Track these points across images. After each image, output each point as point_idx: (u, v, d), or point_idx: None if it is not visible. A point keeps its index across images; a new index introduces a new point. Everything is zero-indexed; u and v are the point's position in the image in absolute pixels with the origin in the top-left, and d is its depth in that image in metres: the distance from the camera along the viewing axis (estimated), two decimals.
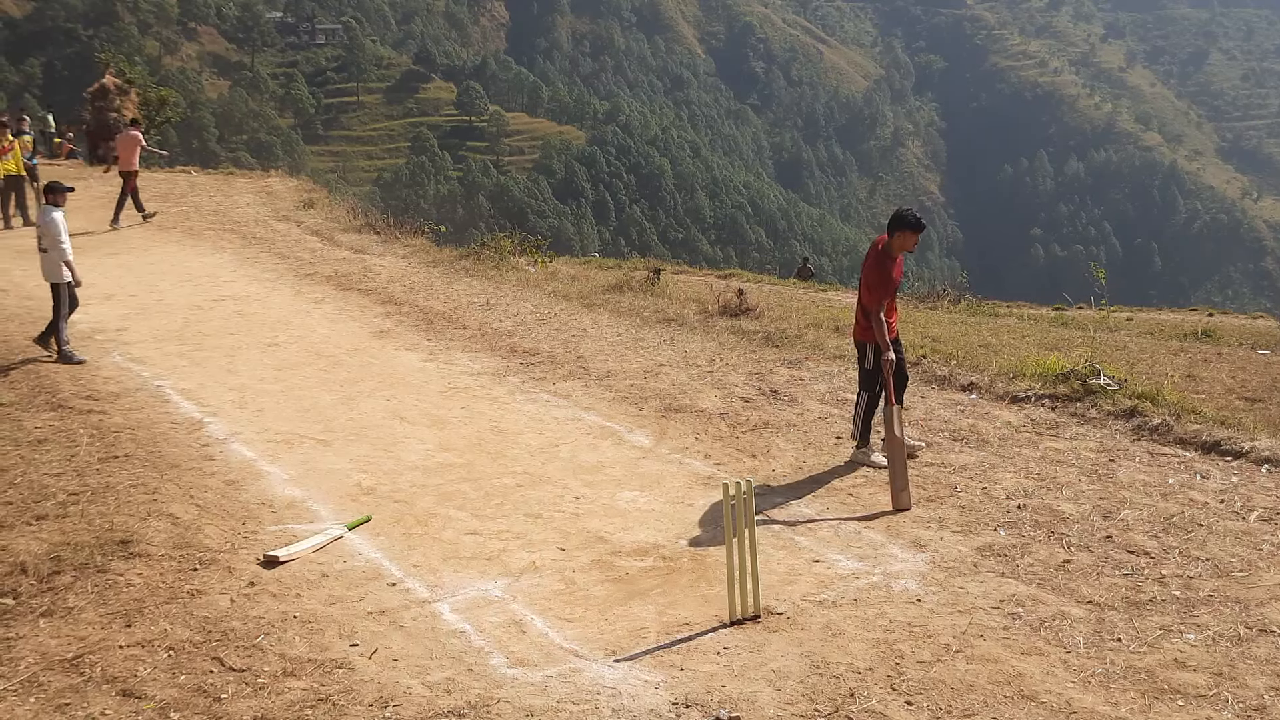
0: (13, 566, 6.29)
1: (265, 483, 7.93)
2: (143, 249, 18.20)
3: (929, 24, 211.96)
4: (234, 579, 6.32)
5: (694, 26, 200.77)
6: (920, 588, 6.27)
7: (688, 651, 5.59)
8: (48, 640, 5.54)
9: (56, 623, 5.73)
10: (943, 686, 5.21)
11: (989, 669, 5.36)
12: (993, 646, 5.58)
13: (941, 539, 6.94)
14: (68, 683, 5.17)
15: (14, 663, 5.33)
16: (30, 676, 5.20)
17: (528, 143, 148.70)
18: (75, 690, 5.10)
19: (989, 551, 6.73)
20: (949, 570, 6.49)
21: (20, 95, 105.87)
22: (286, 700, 5.05)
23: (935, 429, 9.08)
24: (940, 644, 5.62)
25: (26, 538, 6.68)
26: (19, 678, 5.19)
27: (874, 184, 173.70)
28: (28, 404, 9.54)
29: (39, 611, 5.84)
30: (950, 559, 6.65)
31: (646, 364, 11.10)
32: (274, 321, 13.13)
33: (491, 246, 18.17)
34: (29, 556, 6.40)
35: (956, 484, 7.87)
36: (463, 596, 6.20)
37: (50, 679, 5.19)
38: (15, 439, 8.55)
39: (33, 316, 12.95)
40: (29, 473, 7.81)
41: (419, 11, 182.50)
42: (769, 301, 14.59)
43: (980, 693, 5.15)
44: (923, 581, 6.35)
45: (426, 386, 10.49)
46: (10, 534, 6.74)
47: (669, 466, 8.32)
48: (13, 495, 7.38)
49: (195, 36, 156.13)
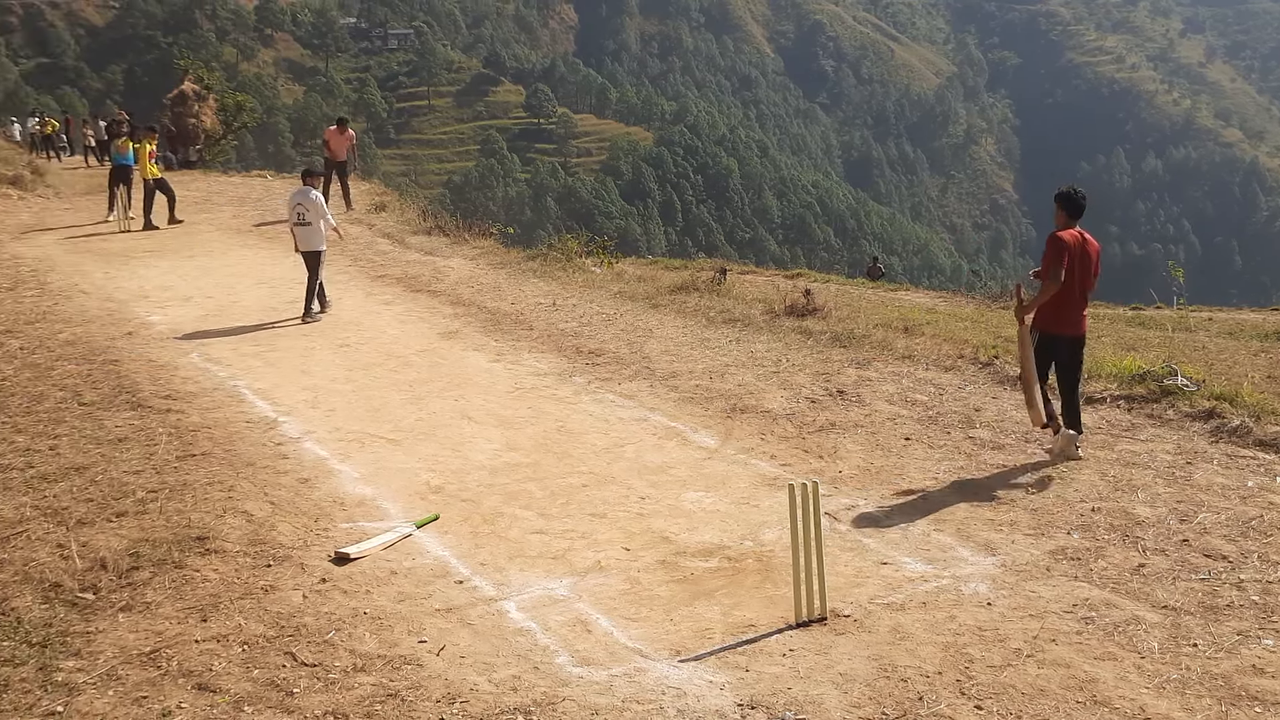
0: (93, 562, 6.45)
1: (337, 481, 8.05)
2: (220, 252, 18.55)
3: (1003, 20, 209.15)
4: (306, 575, 6.43)
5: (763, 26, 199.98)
6: (991, 591, 6.21)
7: (753, 653, 5.59)
8: (126, 634, 5.68)
9: (135, 617, 5.86)
10: (1013, 691, 5.16)
11: (1061, 674, 5.30)
12: (1065, 651, 5.51)
13: (1013, 542, 6.87)
14: (145, 676, 5.28)
15: (94, 656, 5.46)
16: (109, 670, 5.33)
17: (595, 144, 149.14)
18: (152, 683, 5.21)
19: (1062, 555, 6.65)
20: (1020, 573, 6.42)
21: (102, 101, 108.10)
22: (357, 695, 5.13)
23: (1007, 430, 8.98)
24: (1011, 648, 5.56)
25: (107, 534, 6.85)
26: (99, 670, 5.32)
27: (946, 182, 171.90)
28: (109, 403, 9.77)
29: (118, 606, 5.98)
30: (1022, 562, 6.57)
31: (712, 364, 11.10)
32: (345, 323, 13.32)
33: (558, 248, 18.27)
34: (109, 552, 6.56)
35: (1029, 486, 7.78)
36: (528, 595, 6.26)
37: (129, 672, 5.31)
38: (96, 437, 8.76)
39: (114, 319, 13.28)
40: (109, 470, 8.00)
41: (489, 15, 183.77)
42: (836, 301, 14.52)
43: (1052, 698, 5.10)
44: (993, 585, 6.29)
45: (494, 387, 10.58)
46: (91, 530, 6.91)
47: (734, 467, 8.31)
48: (94, 493, 7.56)
49: (271, 43, 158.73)
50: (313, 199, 13.97)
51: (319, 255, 13.87)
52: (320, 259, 13.89)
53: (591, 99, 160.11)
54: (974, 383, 10.33)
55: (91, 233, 20.80)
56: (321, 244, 13.93)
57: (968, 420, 9.16)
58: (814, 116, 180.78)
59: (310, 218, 13.83)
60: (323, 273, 13.97)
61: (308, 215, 13.83)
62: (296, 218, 13.92)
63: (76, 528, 6.93)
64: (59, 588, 6.16)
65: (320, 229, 13.92)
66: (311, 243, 13.87)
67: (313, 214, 13.85)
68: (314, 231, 13.87)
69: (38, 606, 5.95)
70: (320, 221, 13.91)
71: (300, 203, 13.92)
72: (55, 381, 10.43)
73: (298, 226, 13.91)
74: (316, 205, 13.96)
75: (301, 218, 13.85)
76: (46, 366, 10.98)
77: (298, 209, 13.91)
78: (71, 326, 12.82)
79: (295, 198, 14.09)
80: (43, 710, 4.97)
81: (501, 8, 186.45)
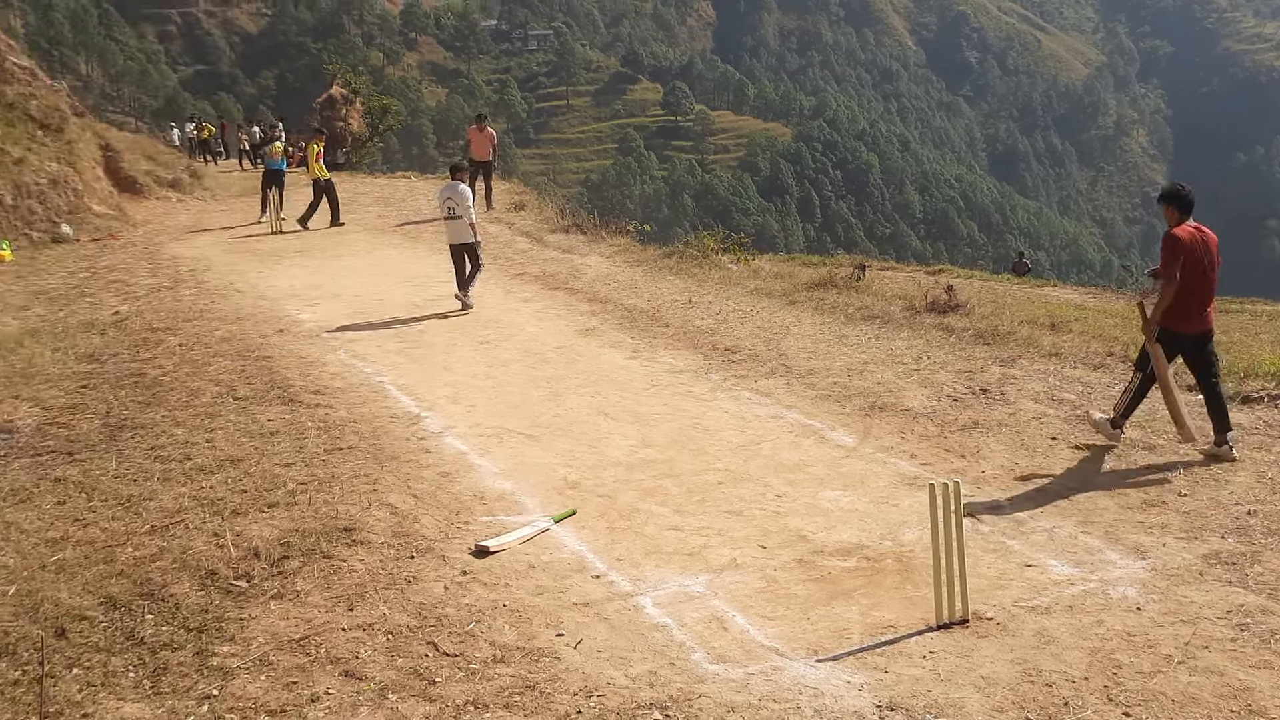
0: (247, 551, 6.68)
1: (477, 475, 8.19)
2: (365, 251, 19.07)
3: (1155, 8, 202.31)
4: (448, 567, 6.55)
5: (904, 18, 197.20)
6: (1140, 595, 6.01)
7: (892, 654, 5.51)
8: (278, 622, 5.87)
9: (286, 605, 6.06)
10: (1163, 699, 4.99)
11: (1214, 682, 5.10)
12: (1218, 658, 5.30)
13: (1164, 545, 6.63)
14: (295, 662, 5.45)
15: (247, 642, 5.66)
16: (262, 655, 5.51)
17: (733, 141, 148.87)
18: (302, 670, 5.38)
19: (1216, 559, 6.39)
20: (1172, 578, 6.20)
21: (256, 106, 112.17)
22: (496, 686, 5.21)
23: (1158, 430, 8.67)
24: (1161, 654, 5.37)
25: (259, 524, 7.09)
26: (252, 656, 5.51)
27: (1095, 175, 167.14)
28: (262, 398, 10.11)
29: (270, 594, 6.19)
30: (1173, 566, 6.34)
31: (850, 362, 10.97)
32: (485, 320, 13.54)
33: (695, 245, 18.28)
34: (261, 542, 6.78)
35: (1181, 488, 7.50)
36: (664, 591, 6.27)
37: (279, 658, 5.49)
38: (250, 431, 9.08)
39: (266, 316, 13.75)
40: (262, 463, 8.28)
41: (627, 14, 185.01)
42: (980, 298, 14.22)
43: (1204, 706, 4.91)
44: (1143, 589, 6.08)
45: (630, 383, 10.64)
46: (245, 520, 7.16)
47: (873, 466, 8.21)
48: (248, 484, 7.84)
49: (415, 46, 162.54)
50: (460, 192, 14.49)
51: (472, 247, 14.45)
52: (475, 250, 14.49)
53: (729, 95, 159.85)
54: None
55: (245, 234, 21.60)
56: (470, 236, 14.43)
57: (1126, 440, 8.86)
58: (957, 109, 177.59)
59: (459, 211, 14.40)
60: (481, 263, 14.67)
61: (456, 209, 14.41)
62: (446, 211, 14.54)
63: (231, 518, 7.19)
64: (214, 575, 6.39)
65: (467, 221, 14.45)
66: (461, 235, 14.44)
67: (461, 208, 14.41)
68: (462, 225, 14.41)
69: (195, 593, 6.19)
70: (467, 215, 14.44)
71: (450, 197, 14.51)
72: (212, 377, 10.85)
73: (448, 220, 14.54)
74: (463, 199, 14.48)
75: (451, 211, 14.45)
76: (203, 362, 11.42)
77: (447, 203, 14.51)
78: (227, 324, 13.32)
79: (444, 192, 14.69)
80: (199, 693, 5.17)
81: (640, 6, 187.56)
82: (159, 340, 12.38)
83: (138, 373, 11.02)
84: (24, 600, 6.00)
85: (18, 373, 10.95)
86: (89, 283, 16.28)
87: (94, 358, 11.65)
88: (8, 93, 22.41)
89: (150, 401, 10.02)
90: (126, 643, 5.63)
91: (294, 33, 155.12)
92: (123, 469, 8.20)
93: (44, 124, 22.46)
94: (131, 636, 5.68)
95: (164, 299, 14.94)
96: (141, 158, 27.48)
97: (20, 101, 22.41)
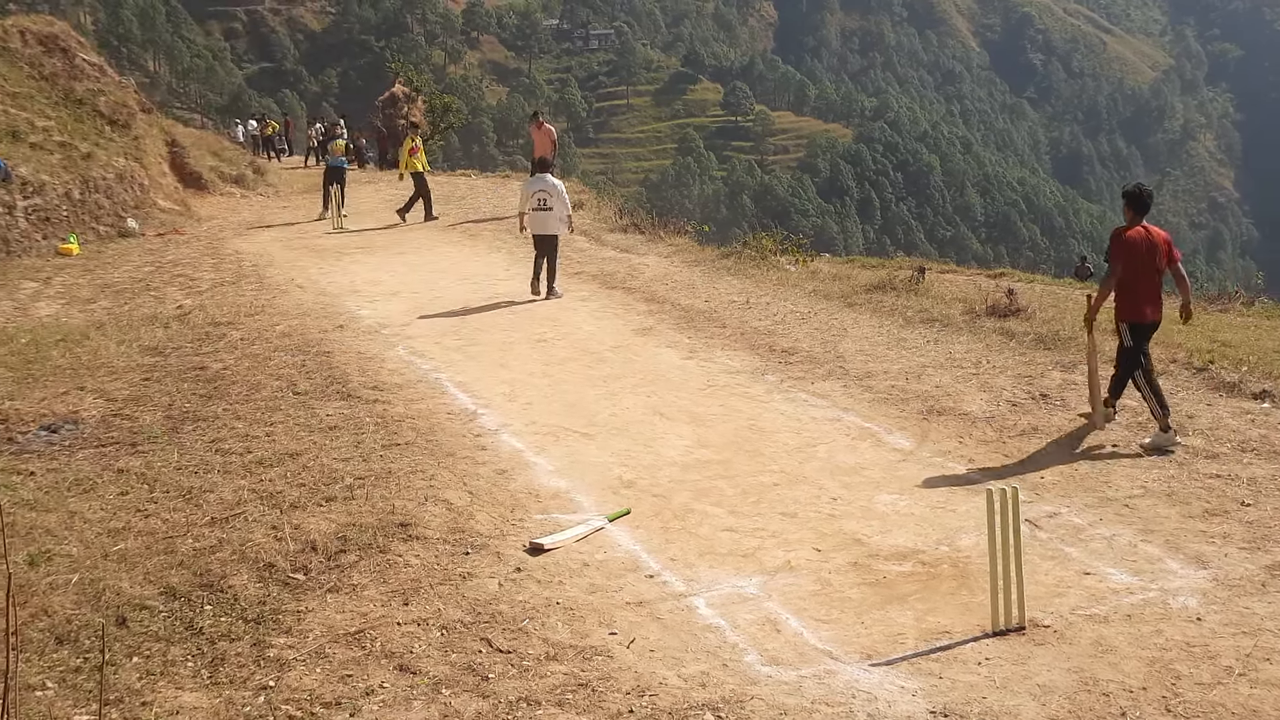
0: (305, 544, 6.75)
1: (532, 473, 8.22)
2: (426, 248, 19.21)
3: (1224, 10, 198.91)
4: (502, 564, 6.58)
5: (968, 19, 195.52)
6: (1201, 606, 5.90)
7: (947, 660, 5.46)
8: (334, 615, 5.92)
9: (342, 598, 6.11)
10: (1223, 711, 4.90)
11: (1276, 695, 5.00)
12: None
13: (1226, 555, 6.51)
14: (350, 655, 5.50)
15: (304, 634, 5.71)
16: (318, 647, 5.57)
17: (793, 141, 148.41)
18: (357, 663, 5.42)
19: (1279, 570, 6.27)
20: (1234, 589, 6.08)
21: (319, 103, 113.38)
22: (549, 684, 5.23)
23: (1223, 438, 8.51)
24: (1222, 666, 5.28)
25: (317, 518, 7.16)
26: (308, 648, 5.56)
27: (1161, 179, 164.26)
28: (321, 393, 10.22)
29: (326, 587, 6.25)
30: (1235, 577, 6.22)
31: (908, 365, 10.88)
32: (543, 318, 13.58)
33: (753, 246, 18.22)
34: (319, 535, 6.85)
35: (1244, 498, 7.36)
36: (718, 592, 6.26)
37: (335, 651, 5.53)
38: (309, 425, 9.17)
39: (327, 312, 13.89)
40: (321, 457, 8.36)
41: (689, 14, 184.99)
42: (1041, 302, 14.01)
43: (1265, 719, 4.82)
44: (1204, 599, 5.97)
45: (686, 383, 10.62)
46: (303, 514, 7.23)
47: (930, 470, 8.13)
48: (306, 478, 7.92)
49: (477, 45, 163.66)
50: (552, 184, 14.84)
51: (554, 240, 14.83)
52: (556, 244, 14.89)
53: (790, 96, 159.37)
54: (1186, 388, 9.84)
55: (307, 230, 21.85)
56: (559, 229, 14.86)
57: (1180, 427, 8.72)
58: (1021, 112, 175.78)
59: (552, 203, 14.75)
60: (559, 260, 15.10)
61: (550, 200, 14.75)
62: (537, 203, 14.77)
63: (289, 511, 7.27)
64: (273, 568, 6.46)
65: (559, 214, 14.83)
66: (548, 227, 14.77)
67: (555, 199, 14.76)
68: (552, 217, 14.76)
69: (253, 585, 6.26)
70: (561, 208, 14.82)
71: (542, 189, 14.80)
72: (272, 371, 10.97)
73: (537, 211, 14.76)
74: (558, 192, 14.84)
75: (543, 203, 14.74)
76: (264, 357, 11.56)
77: (539, 195, 14.77)
78: (288, 319, 13.47)
79: (534, 185, 15.04)
80: (256, 684, 5.23)
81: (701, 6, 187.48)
82: (221, 334, 12.55)
83: (200, 366, 11.17)
84: (86, 589, 6.10)
85: (84, 365, 11.15)
86: (153, 277, 16.54)
87: (157, 351, 11.83)
88: (77, 89, 22.86)
89: (212, 395, 10.16)
90: (185, 632, 5.71)
91: (357, 31, 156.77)
92: (184, 461, 8.33)
93: (112, 120, 22.90)
94: (190, 626, 5.77)
95: (226, 294, 15.14)
96: (206, 154, 27.89)
97: (89, 97, 22.86)
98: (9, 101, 20.87)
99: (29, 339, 12.18)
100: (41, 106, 21.54)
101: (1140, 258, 8.68)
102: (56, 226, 19.13)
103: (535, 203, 14.75)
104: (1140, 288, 8.71)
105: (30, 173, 19.01)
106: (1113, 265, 8.80)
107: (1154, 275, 8.77)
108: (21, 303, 14.68)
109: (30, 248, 18.27)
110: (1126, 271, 8.67)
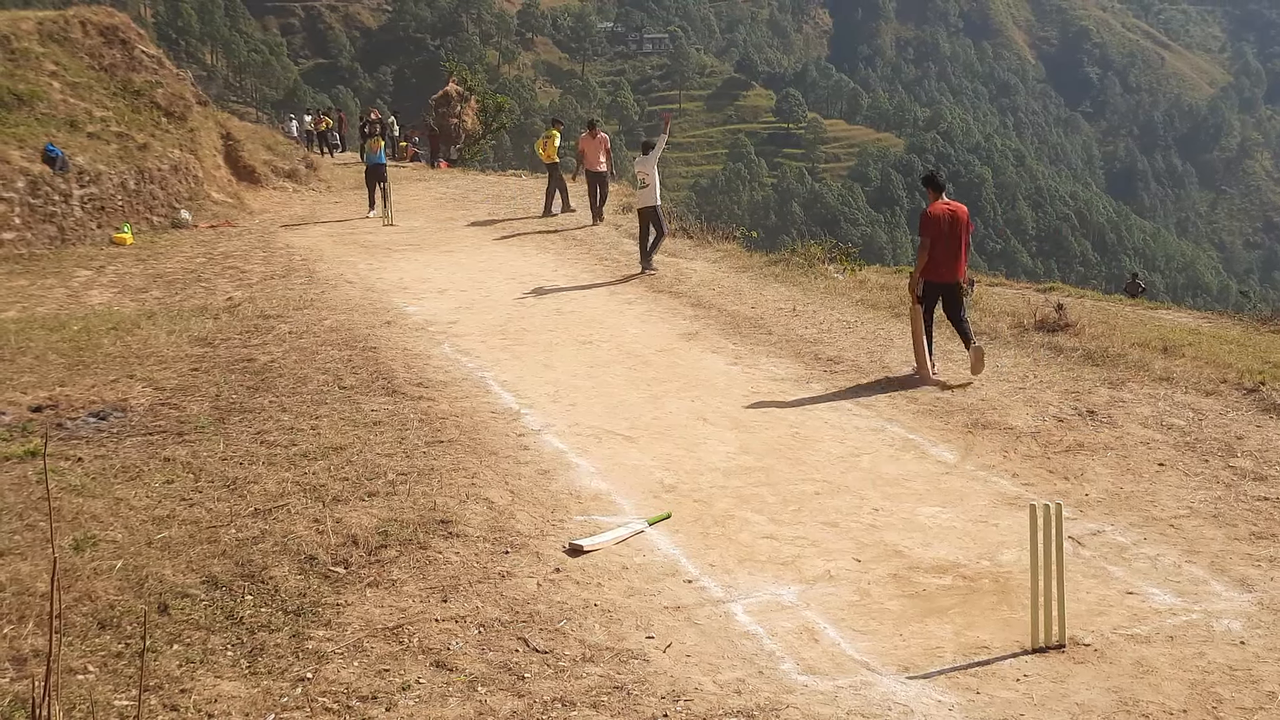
0: (346, 538, 6.78)
1: (574, 474, 8.23)
2: (474, 248, 19.29)
3: None
4: (541, 564, 6.59)
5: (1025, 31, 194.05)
6: (1245, 629, 5.81)
7: (985, 675, 5.41)
8: (373, 609, 5.95)
9: (381, 593, 6.14)
10: None
11: None
12: None
13: (1272, 579, 6.41)
14: (388, 650, 5.52)
15: (342, 627, 5.75)
16: (356, 641, 5.59)
17: (844, 150, 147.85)
18: (394, 658, 5.44)
19: None
20: (1278, 613, 5.99)
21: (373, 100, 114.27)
22: (585, 685, 5.23)
23: (1272, 460, 8.37)
24: (1264, 691, 5.19)
25: (359, 512, 7.20)
26: (346, 641, 5.59)
27: (1216, 197, 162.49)
28: (367, 388, 10.29)
29: (366, 581, 6.28)
30: None
31: (954, 377, 10.80)
32: (589, 320, 13.61)
33: (801, 253, 18.14)
34: (360, 530, 6.89)
35: None
36: (756, 599, 6.24)
37: (373, 645, 5.56)
38: (354, 420, 9.23)
39: (374, 308, 13.99)
40: (364, 452, 8.41)
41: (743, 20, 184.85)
42: (1091, 318, 13.84)
43: None
44: (1248, 623, 5.88)
45: (730, 389, 10.60)
46: (345, 508, 7.28)
47: (973, 484, 8.06)
48: (349, 472, 7.97)
49: (532, 46, 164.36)
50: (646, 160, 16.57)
51: (655, 211, 16.43)
52: (659, 215, 16.49)
53: (842, 104, 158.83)
54: (1237, 409, 9.68)
55: (357, 226, 22.02)
56: (654, 200, 16.41)
57: (1228, 449, 8.59)
58: (1075, 125, 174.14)
59: (648, 180, 16.44)
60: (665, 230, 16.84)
61: (646, 179, 16.50)
62: (639, 182, 16.72)
63: (332, 504, 7.31)
64: (314, 560, 6.50)
65: (654, 187, 16.44)
66: (647, 199, 16.43)
67: (651, 177, 16.45)
68: (649, 191, 16.40)
69: (294, 576, 6.31)
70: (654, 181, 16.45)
71: (641, 168, 16.64)
72: (319, 365, 11.06)
73: (640, 188, 16.67)
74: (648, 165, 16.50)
75: (642, 182, 16.58)
76: (312, 350, 11.66)
77: (639, 175, 16.69)
78: (336, 314, 13.58)
79: (636, 164, 17.04)
80: (294, 675, 5.26)
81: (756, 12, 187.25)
82: (269, 327, 12.68)
83: (248, 358, 11.29)
84: (130, 575, 6.17)
85: (134, 353, 11.30)
86: (205, 268, 16.74)
87: (206, 341, 11.97)
88: (135, 80, 23.19)
89: (259, 387, 10.26)
90: (226, 622, 5.76)
91: (413, 29, 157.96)
92: (229, 451, 8.40)
93: (169, 111, 23.21)
94: (231, 616, 5.81)
95: (276, 287, 15.29)
96: (260, 148, 28.16)
97: (147, 89, 23.18)
98: (68, 91, 21.22)
99: (81, 326, 12.36)
100: (100, 97, 21.88)
101: (942, 230, 10.54)
102: (111, 216, 19.43)
103: (639, 182, 16.63)
104: (937, 253, 10.57)
105: (87, 162, 19.31)
106: (923, 237, 10.64)
107: (954, 243, 10.61)
108: (75, 290, 14.90)
109: (85, 236, 18.56)
110: (933, 241, 10.52)
